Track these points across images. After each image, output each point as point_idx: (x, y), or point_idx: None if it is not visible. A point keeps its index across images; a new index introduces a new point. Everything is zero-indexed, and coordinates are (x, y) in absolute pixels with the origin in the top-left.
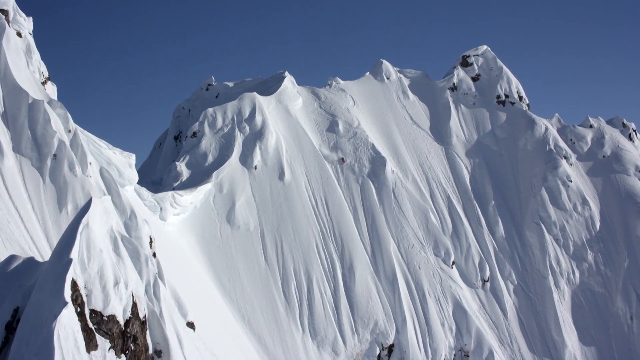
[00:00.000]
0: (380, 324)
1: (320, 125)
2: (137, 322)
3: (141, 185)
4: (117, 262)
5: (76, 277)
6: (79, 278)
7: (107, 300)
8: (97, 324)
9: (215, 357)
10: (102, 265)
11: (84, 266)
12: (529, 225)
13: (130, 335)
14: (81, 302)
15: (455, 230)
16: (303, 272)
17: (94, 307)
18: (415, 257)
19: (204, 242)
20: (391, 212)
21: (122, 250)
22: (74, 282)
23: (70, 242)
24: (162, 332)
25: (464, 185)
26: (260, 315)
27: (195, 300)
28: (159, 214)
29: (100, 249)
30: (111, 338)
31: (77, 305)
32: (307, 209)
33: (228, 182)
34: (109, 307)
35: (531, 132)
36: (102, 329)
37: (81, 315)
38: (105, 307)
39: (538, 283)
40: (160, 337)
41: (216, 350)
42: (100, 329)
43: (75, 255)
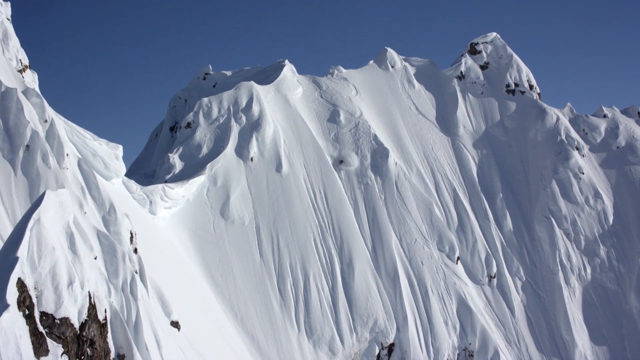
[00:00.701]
0: (380, 323)
1: (320, 116)
2: (94, 325)
3: (134, 177)
4: (72, 260)
5: (24, 276)
6: (28, 278)
7: (60, 301)
8: (49, 328)
9: (202, 358)
10: (54, 264)
11: (34, 265)
12: (539, 219)
13: (86, 339)
14: (30, 304)
15: (461, 224)
16: (300, 268)
17: (44, 310)
18: (418, 252)
19: (196, 237)
20: (393, 206)
21: (78, 247)
22: (21, 283)
23: (18, 239)
24: (126, 335)
25: (471, 178)
26: (254, 313)
27: (183, 298)
28: (148, 207)
29: (53, 246)
30: (64, 342)
31: (25, 307)
32: (305, 203)
33: (223, 174)
34: (61, 309)
35: (542, 122)
36: (54, 333)
37: (30, 318)
38: (58, 309)
39: (547, 279)
40: (123, 341)
41: (204, 350)
42: (52, 332)
43: (24, 254)
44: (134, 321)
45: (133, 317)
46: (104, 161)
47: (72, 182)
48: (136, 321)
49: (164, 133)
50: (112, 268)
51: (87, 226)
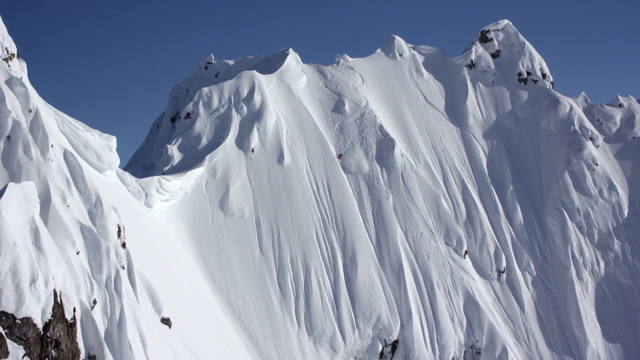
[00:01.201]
0: (384, 319)
1: (325, 106)
2: (60, 325)
3: (133, 170)
4: (37, 256)
5: None
6: None
7: (21, 300)
8: (8, 328)
9: (194, 355)
10: (15, 260)
11: None
12: (550, 212)
13: (50, 339)
14: None
15: (470, 217)
16: (301, 263)
17: (4, 309)
18: (424, 246)
19: (194, 231)
20: (399, 198)
21: (44, 243)
22: None
23: None
24: (97, 335)
25: (481, 169)
26: (253, 309)
27: (177, 293)
28: (144, 200)
29: (14, 242)
30: (26, 344)
31: None
32: (307, 195)
33: (222, 166)
34: (22, 309)
35: (554, 112)
36: (15, 334)
37: None
38: (19, 308)
39: (559, 274)
40: (95, 341)
41: (197, 348)
42: (12, 333)
43: None
44: (117, 319)
45: (117, 314)
46: (96, 153)
47: (56, 174)
48: (120, 318)
49: (164, 124)
50: (95, 263)
51: (70, 220)
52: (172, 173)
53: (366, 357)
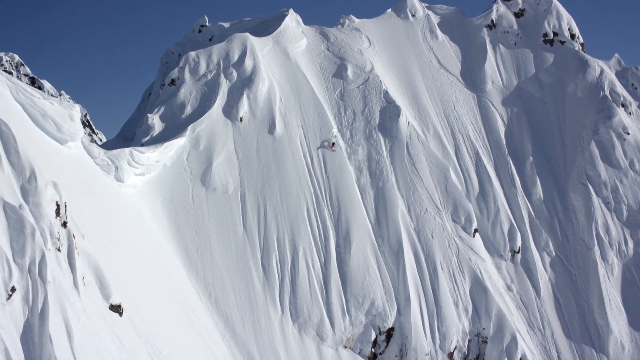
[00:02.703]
0: (378, 304)
1: (325, 71)
2: None
3: (116, 141)
4: None
5: None
6: None
7: None
8: None
9: (150, 346)
10: None
11: None
12: (574, 186)
13: None
14: None
15: (482, 192)
16: (288, 242)
17: None
18: (428, 223)
19: (171, 207)
20: (402, 171)
21: None
22: None
23: None
24: None
25: (498, 139)
26: (232, 292)
27: (140, 277)
28: (114, 174)
29: None
30: None
31: None
32: (299, 168)
33: (206, 136)
34: None
35: (582, 76)
36: None
37: None
38: None
39: (581, 255)
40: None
41: (157, 337)
42: None
43: None
44: (39, 308)
45: (39, 303)
46: (55, 123)
47: None
48: (42, 308)
49: (155, 92)
50: (18, 246)
51: None
52: (152, 144)
53: (357, 346)
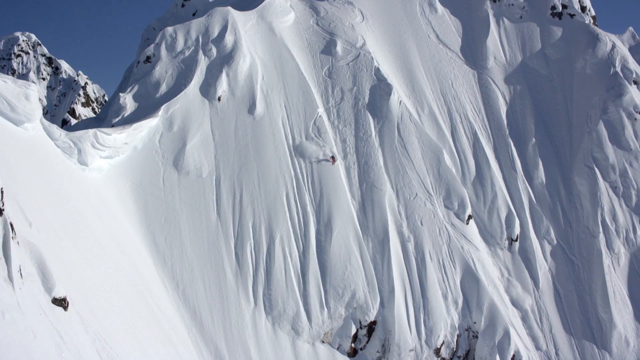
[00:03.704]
0: (360, 296)
1: (313, 47)
2: None
3: (88, 122)
4: None
5: None
6: None
7: None
8: None
9: (100, 342)
10: None
11: None
12: (579, 170)
13: None
14: None
15: (479, 175)
16: (264, 230)
17: None
18: (417, 209)
19: (140, 192)
20: (392, 153)
21: None
22: None
23: None
24: None
25: (498, 119)
26: (201, 283)
27: (97, 268)
28: (76, 157)
29: None
30: None
31: None
32: (280, 150)
33: (181, 117)
34: None
35: (592, 51)
36: None
37: None
38: None
39: (585, 243)
40: None
41: (110, 332)
42: None
43: None
44: None
45: None
46: (9, 102)
47: None
48: None
49: None
50: None
51: None
52: (123, 125)
53: (336, 341)
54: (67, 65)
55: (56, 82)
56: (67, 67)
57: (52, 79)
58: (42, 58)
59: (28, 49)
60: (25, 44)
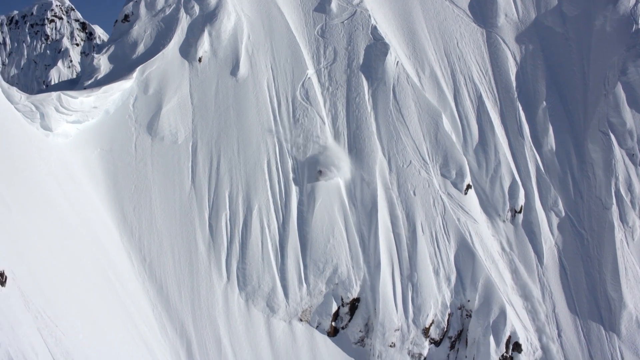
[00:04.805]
0: (342, 271)
1: (306, 4)
2: None
3: (63, 84)
4: None
5: None
6: None
7: None
8: None
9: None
10: None
11: None
12: (593, 136)
13: None
14: None
15: (483, 142)
16: (242, 199)
17: None
18: (410, 178)
19: (110, 159)
20: (386, 118)
21: None
22: None
23: None
24: None
25: (506, 82)
26: (170, 256)
27: (48, 240)
28: (39, 122)
29: None
30: None
31: None
32: (263, 115)
33: (158, 79)
34: None
35: (613, 7)
36: None
37: None
38: None
39: (596, 216)
40: None
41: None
42: None
43: None
44: None
45: None
46: None
47: None
48: None
49: None
50: None
51: None
52: (96, 87)
53: (315, 319)
54: (101, 31)
55: (90, 48)
56: (101, 32)
57: (85, 44)
58: (75, 23)
59: (61, 14)
60: (59, 9)
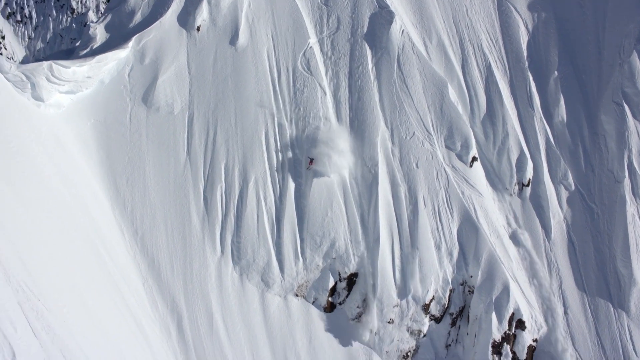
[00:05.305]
0: (340, 245)
1: None
2: None
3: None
4: None
5: None
6: None
7: None
8: None
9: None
10: None
11: None
12: (607, 106)
13: None
14: None
15: (490, 113)
16: (238, 171)
17: None
18: (413, 150)
19: (103, 130)
20: (389, 88)
21: None
22: None
23: None
24: None
25: (517, 51)
26: (163, 229)
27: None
28: (30, 92)
29: None
30: None
31: None
32: (262, 84)
33: (154, 48)
34: None
35: None
36: None
37: None
38: None
39: (607, 189)
40: None
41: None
42: None
43: None
44: None
45: None
46: None
47: None
48: None
49: None
50: None
51: None
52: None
53: (311, 295)
54: None
55: None
56: None
57: None
58: None
59: None
60: None
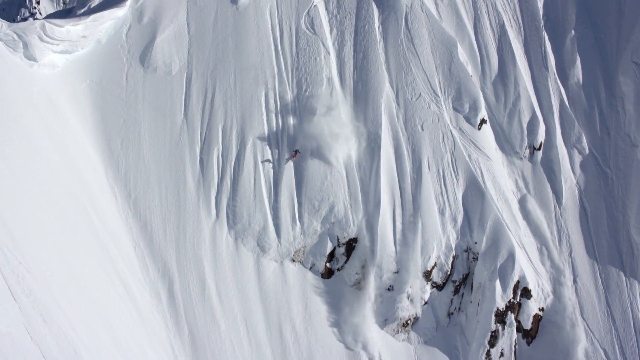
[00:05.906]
0: (339, 209)
1: None
2: None
3: (58, 13)
4: None
5: None
6: None
7: None
8: None
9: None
10: None
11: None
12: (625, 67)
13: None
14: None
15: (502, 73)
16: (235, 133)
17: None
18: (418, 111)
19: (99, 91)
20: (395, 47)
21: None
22: None
23: None
24: None
25: (533, 9)
26: (157, 192)
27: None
28: (22, 51)
29: None
30: None
31: None
32: (263, 44)
33: (153, 7)
34: None
35: None
36: None
37: None
38: None
39: (623, 154)
40: None
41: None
42: None
43: None
44: None
45: None
46: None
47: None
48: None
49: None
50: None
51: None
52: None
53: (309, 260)
54: None
55: None
56: None
57: None
58: None
59: None
60: None
